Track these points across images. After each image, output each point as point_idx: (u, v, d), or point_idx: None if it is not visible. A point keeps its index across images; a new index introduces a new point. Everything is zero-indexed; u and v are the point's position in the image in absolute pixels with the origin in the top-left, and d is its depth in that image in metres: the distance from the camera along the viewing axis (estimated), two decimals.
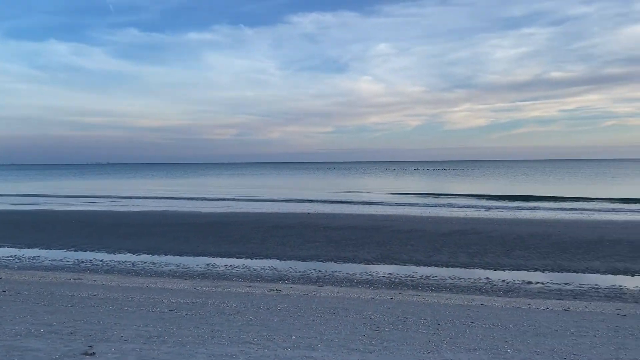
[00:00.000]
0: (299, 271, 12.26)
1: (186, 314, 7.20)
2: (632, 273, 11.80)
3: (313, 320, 6.93)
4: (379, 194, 43.06)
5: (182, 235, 17.75)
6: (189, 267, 12.85)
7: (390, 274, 11.93)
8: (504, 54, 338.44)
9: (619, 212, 25.88)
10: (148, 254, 14.67)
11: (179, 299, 8.43)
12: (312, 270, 12.31)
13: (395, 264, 13.05)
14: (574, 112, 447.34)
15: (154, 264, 13.35)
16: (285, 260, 13.63)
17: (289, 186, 59.29)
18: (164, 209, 28.65)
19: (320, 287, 10.42)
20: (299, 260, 13.58)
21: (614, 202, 31.69)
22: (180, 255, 14.42)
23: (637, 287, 10.52)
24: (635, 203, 31.14)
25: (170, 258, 14.08)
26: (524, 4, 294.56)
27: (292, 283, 11.01)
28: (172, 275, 11.98)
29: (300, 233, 17.95)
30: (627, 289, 10.38)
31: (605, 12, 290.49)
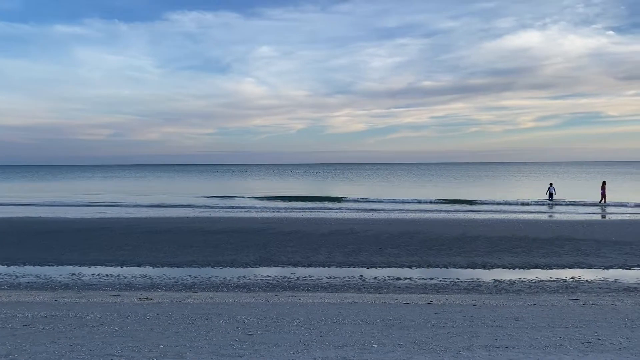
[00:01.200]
0: (173, 278, 11.83)
1: (43, 329, 6.61)
2: (489, 267, 12.93)
3: (184, 328, 6.70)
4: (261, 196, 43.08)
5: (45, 244, 16.33)
6: (50, 278, 11.84)
7: (269, 276, 11.94)
8: (381, 63, 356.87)
9: (479, 212, 28.31)
10: (2, 265, 13.29)
11: (36, 313, 7.72)
12: (188, 277, 11.95)
13: (274, 266, 13.09)
14: (442, 119, 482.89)
15: (9, 275, 12.12)
16: (159, 267, 13.08)
17: (166, 189, 57.17)
18: (25, 215, 26.16)
19: (195, 294, 10.13)
20: (174, 266, 13.10)
21: (472, 204, 34.56)
22: (42, 265, 13.25)
23: (492, 279, 11.54)
24: (490, 204, 34.20)
25: (29, 269, 12.88)
26: (398, 16, 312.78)
27: (165, 290, 10.58)
28: (30, 287, 10.95)
29: (176, 238, 17.36)
30: (483, 281, 11.35)
31: (470, 28, 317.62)
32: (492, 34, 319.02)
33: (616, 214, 26.94)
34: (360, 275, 11.93)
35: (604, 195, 33.05)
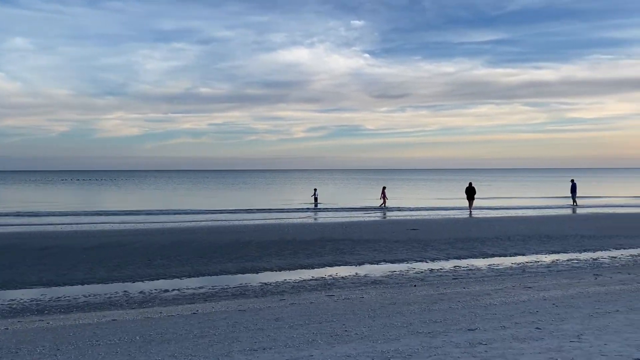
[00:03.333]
0: None
1: None
2: (257, 270, 13.33)
3: None
4: (6, 212, 37.58)
5: None
6: None
7: (12, 300, 10.37)
8: (156, 65, 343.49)
9: (253, 218, 29.20)
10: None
11: None
12: None
13: (21, 287, 11.44)
14: (221, 126, 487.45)
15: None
16: None
17: None
18: None
19: None
20: None
21: (249, 212, 35.53)
22: None
23: (260, 282, 11.91)
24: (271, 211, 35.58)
25: None
26: (173, 19, 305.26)
27: None
28: None
29: None
30: (251, 285, 11.63)
31: (245, 39, 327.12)
32: (266, 47, 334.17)
33: (372, 215, 30.48)
34: (125, 291, 11.17)
35: (384, 199, 36.56)
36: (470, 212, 32.21)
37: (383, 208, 35.41)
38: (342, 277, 12.41)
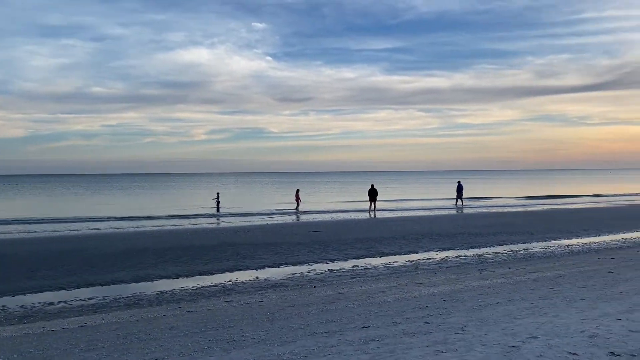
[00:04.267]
0: None
1: None
2: (153, 279, 12.81)
3: None
4: None
5: None
6: None
7: None
8: (43, 62, 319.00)
9: (149, 225, 28.06)
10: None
11: None
12: None
13: None
14: (116, 127, 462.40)
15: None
16: None
17: None
18: None
19: None
20: None
21: (147, 219, 34.11)
22: None
23: (155, 291, 11.44)
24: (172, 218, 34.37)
25: None
26: (62, 15, 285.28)
27: None
28: None
29: None
30: (145, 294, 11.14)
31: (141, 37, 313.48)
32: (163, 46, 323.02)
33: (275, 219, 30.45)
34: (3, 306, 10.23)
35: (297, 201, 36.60)
36: (373, 213, 33.33)
37: (297, 211, 35.65)
38: (242, 282, 12.27)
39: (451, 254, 16.06)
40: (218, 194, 39.74)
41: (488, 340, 5.44)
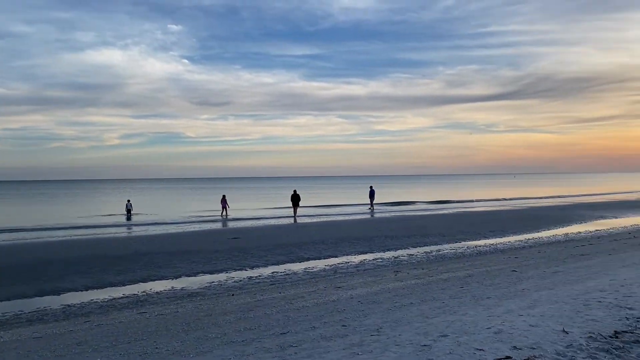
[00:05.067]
0: None
1: None
2: (59, 292, 12.10)
3: None
4: None
5: None
6: None
7: None
8: None
9: (56, 235, 26.43)
10: None
11: None
12: None
13: None
14: (18, 131, 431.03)
15: None
16: None
17: None
18: None
19: None
20: None
21: (54, 229, 32.12)
22: None
23: (62, 304, 10.80)
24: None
25: None
26: None
27: None
28: None
29: None
30: (51, 309, 10.48)
31: (46, 36, 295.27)
32: (71, 46, 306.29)
33: (192, 226, 29.66)
34: None
35: (224, 208, 35.81)
36: (295, 218, 33.41)
37: (224, 217, 35.01)
38: (157, 293, 11.84)
39: (369, 257, 16.44)
40: (129, 201, 38.18)
41: (402, 340, 5.60)
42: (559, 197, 57.25)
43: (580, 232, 22.25)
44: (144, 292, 11.93)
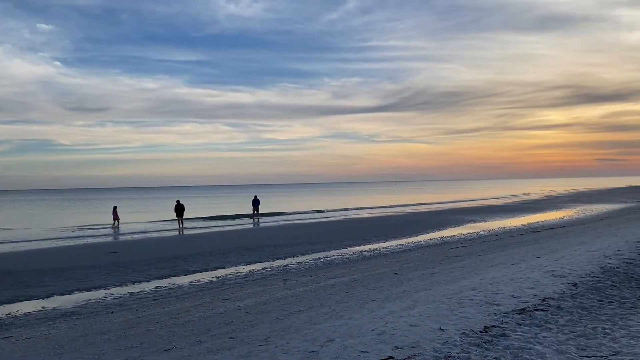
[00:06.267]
0: None
1: None
2: None
3: None
4: None
5: None
6: None
7: None
8: None
9: None
10: None
11: None
12: None
13: None
14: None
15: None
16: None
17: None
18: None
19: None
20: None
21: None
22: None
23: None
24: None
25: None
26: None
27: None
28: None
29: None
30: None
31: None
32: None
33: (66, 241, 27.48)
34: None
35: (116, 219, 34.97)
36: (181, 229, 32.27)
37: (114, 228, 33.43)
38: (25, 314, 10.80)
39: (257, 266, 16.34)
40: None
41: (290, 348, 5.61)
42: (435, 203, 61.16)
43: (454, 235, 23.91)
44: (9, 314, 10.82)
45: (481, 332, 5.65)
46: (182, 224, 33.91)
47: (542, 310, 6.49)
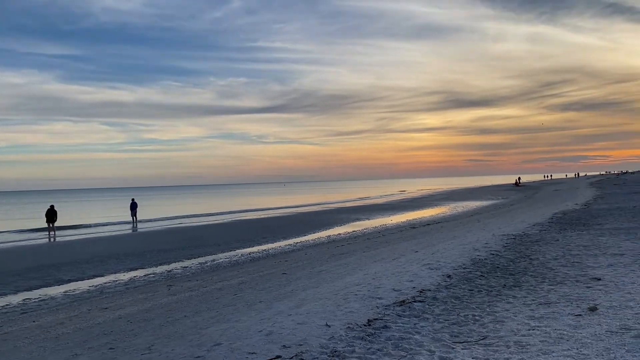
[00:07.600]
0: None
1: None
2: None
3: None
4: None
5: None
6: None
7: None
8: None
9: None
10: None
11: None
12: None
13: None
14: None
15: None
16: None
17: None
18: None
19: None
20: None
21: None
22: None
23: None
24: None
25: None
26: None
27: None
28: None
29: None
30: None
31: None
32: None
33: None
34: None
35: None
36: (52, 236, 29.80)
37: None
38: None
39: (139, 273, 15.60)
40: None
41: (175, 355, 5.43)
42: (323, 203, 62.56)
43: (340, 234, 24.63)
44: None
45: (365, 325, 5.87)
46: (54, 231, 31.41)
47: (420, 301, 6.89)
